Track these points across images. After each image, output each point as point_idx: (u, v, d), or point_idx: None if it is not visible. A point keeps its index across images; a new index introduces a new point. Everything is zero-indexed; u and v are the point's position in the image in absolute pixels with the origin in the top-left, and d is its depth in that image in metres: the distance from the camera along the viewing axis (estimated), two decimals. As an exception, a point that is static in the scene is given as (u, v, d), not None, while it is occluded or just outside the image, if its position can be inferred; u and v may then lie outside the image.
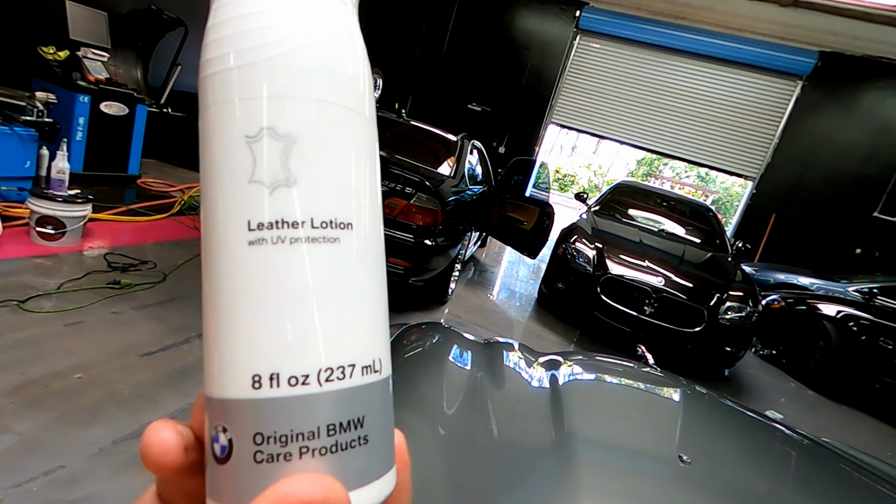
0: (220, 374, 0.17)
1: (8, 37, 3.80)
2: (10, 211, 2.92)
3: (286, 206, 0.17)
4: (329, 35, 0.18)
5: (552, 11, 8.18)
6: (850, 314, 4.21)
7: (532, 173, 4.36)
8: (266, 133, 0.17)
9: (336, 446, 0.17)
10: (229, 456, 0.17)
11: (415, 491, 0.21)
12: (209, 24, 0.18)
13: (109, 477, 1.42)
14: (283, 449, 0.16)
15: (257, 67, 0.17)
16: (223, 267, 0.17)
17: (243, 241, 0.17)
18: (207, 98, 0.18)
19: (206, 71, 0.18)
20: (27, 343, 1.91)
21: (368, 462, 0.18)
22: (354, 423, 0.18)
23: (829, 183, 7.13)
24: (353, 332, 0.18)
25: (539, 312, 4.34)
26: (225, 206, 0.17)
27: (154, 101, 4.74)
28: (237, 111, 0.17)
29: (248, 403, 0.17)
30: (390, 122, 4.21)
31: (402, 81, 8.70)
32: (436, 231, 3.14)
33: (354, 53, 0.19)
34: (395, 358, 1.08)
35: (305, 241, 0.17)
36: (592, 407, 1.09)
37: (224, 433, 0.17)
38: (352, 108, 0.19)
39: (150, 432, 0.18)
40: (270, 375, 0.17)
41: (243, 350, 0.17)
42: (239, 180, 0.17)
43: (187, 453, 0.18)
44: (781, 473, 1.03)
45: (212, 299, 0.18)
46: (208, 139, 0.18)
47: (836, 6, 6.64)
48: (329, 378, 0.17)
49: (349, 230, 0.18)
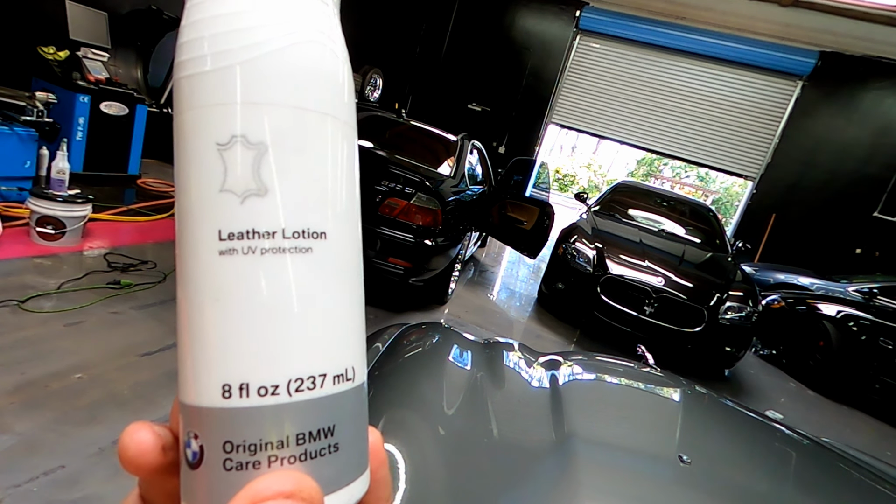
0: (192, 381, 0.17)
1: (8, 37, 3.80)
2: (10, 211, 2.92)
3: (257, 215, 0.17)
4: (306, 37, 0.18)
5: (552, 11, 8.18)
6: (850, 314, 4.21)
7: (532, 173, 4.36)
8: (238, 141, 0.17)
9: (305, 455, 0.17)
10: (200, 462, 0.17)
11: (415, 491, 0.21)
12: (183, 24, 0.18)
13: (109, 477, 1.42)
14: (252, 457, 0.17)
15: (230, 72, 0.17)
16: (194, 276, 0.17)
17: (214, 250, 0.17)
18: (181, 102, 0.17)
19: (179, 73, 0.18)
20: (27, 343, 1.91)
21: (338, 469, 0.18)
22: (324, 432, 0.18)
23: (829, 183, 7.13)
24: (325, 341, 0.18)
25: (539, 312, 4.34)
26: (196, 215, 0.17)
27: (154, 101, 4.74)
28: (209, 117, 0.17)
29: (217, 412, 0.17)
30: (390, 122, 4.21)
31: (402, 81, 8.70)
32: (436, 231, 3.14)
33: (334, 56, 0.19)
34: (395, 358, 1.08)
35: (277, 251, 0.17)
36: (592, 407, 1.09)
37: (195, 439, 0.17)
38: (328, 113, 0.18)
39: (127, 434, 0.18)
40: (240, 385, 0.17)
41: (213, 360, 0.17)
42: (210, 189, 0.17)
43: (165, 453, 0.18)
44: (781, 473, 1.03)
45: (184, 308, 0.18)
46: (181, 145, 0.18)
47: (836, 6, 6.64)
48: (299, 388, 0.17)
49: (322, 239, 0.18)
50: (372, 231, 3.05)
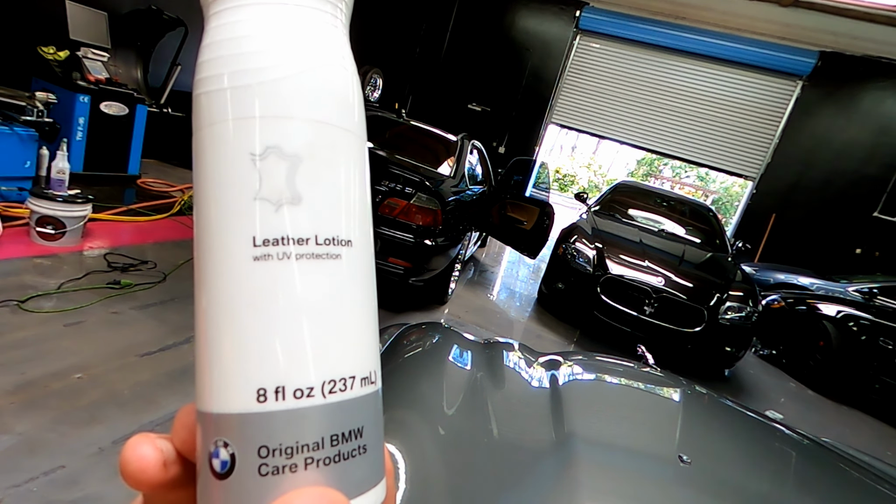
0: (220, 389, 0.17)
1: (8, 37, 3.80)
2: (10, 211, 2.92)
3: (291, 222, 0.18)
4: (332, 61, 0.19)
5: (552, 11, 8.18)
6: (850, 314, 4.21)
7: (532, 173, 4.36)
8: (272, 152, 0.18)
9: (339, 456, 0.18)
10: (231, 471, 0.17)
11: (415, 491, 0.21)
12: (206, 42, 0.18)
13: (109, 477, 1.42)
14: (289, 461, 0.17)
15: (263, 88, 0.18)
16: (225, 282, 0.17)
17: (248, 256, 0.17)
18: (207, 116, 0.18)
19: (203, 88, 0.18)
20: (27, 343, 1.91)
21: (367, 471, 0.18)
22: (355, 433, 0.18)
23: (829, 183, 7.13)
24: (353, 344, 0.19)
25: (539, 312, 4.34)
26: (228, 223, 0.18)
27: (154, 101, 4.74)
28: (242, 130, 0.18)
29: (253, 417, 0.17)
30: (390, 122, 4.21)
31: (402, 81, 8.70)
32: (436, 231, 3.14)
33: (351, 77, 0.20)
34: (395, 358, 1.08)
35: (310, 257, 0.18)
36: (592, 407, 1.09)
37: (225, 448, 0.17)
38: (350, 130, 0.19)
39: (129, 448, 0.18)
40: (276, 389, 0.17)
41: (247, 364, 0.17)
42: (244, 197, 0.17)
43: (167, 469, 0.18)
44: (781, 473, 1.03)
45: (210, 314, 0.18)
46: (208, 156, 0.18)
47: (836, 6, 6.64)
48: (332, 390, 0.18)
49: (349, 247, 0.19)
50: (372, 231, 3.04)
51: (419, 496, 0.67)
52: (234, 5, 0.18)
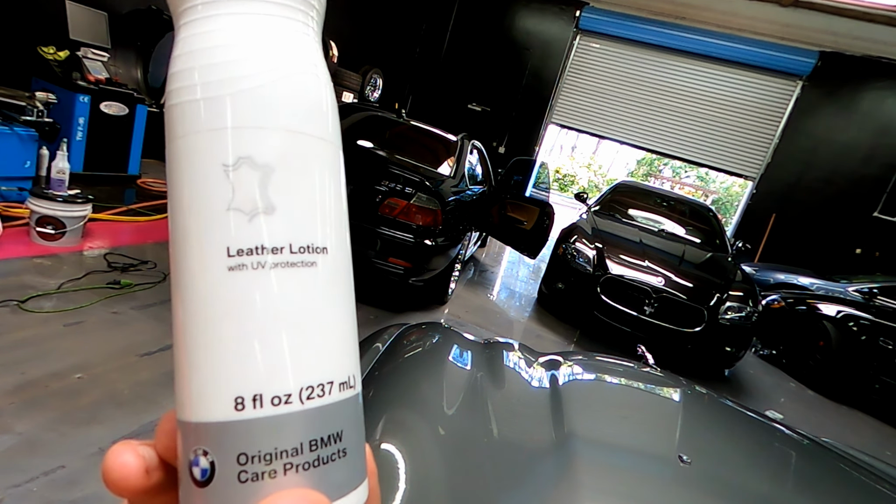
0: (199, 398, 0.17)
1: (8, 37, 3.80)
2: (10, 211, 2.92)
3: (265, 232, 0.18)
4: (303, 69, 0.19)
5: (552, 11, 8.18)
6: (850, 314, 4.21)
7: (532, 173, 4.36)
8: (244, 162, 0.18)
9: (318, 460, 0.18)
10: (211, 478, 0.17)
11: (415, 491, 0.21)
12: (178, 53, 0.18)
13: (109, 477, 1.42)
14: (268, 467, 0.17)
15: (234, 98, 0.18)
16: (201, 293, 0.18)
17: (223, 267, 0.17)
18: (180, 127, 0.18)
19: (176, 99, 0.18)
20: (27, 343, 1.91)
21: (347, 473, 0.19)
22: (334, 437, 0.18)
23: (829, 183, 7.14)
24: (331, 350, 0.19)
25: (539, 312, 4.34)
26: (202, 233, 0.18)
27: (154, 101, 4.74)
28: (215, 140, 0.18)
29: (231, 425, 0.17)
30: (390, 122, 4.21)
31: (402, 81, 8.70)
32: (436, 231, 3.14)
33: (326, 86, 0.20)
34: (395, 358, 1.08)
35: (285, 265, 0.18)
36: (592, 407, 1.09)
37: (205, 456, 0.17)
38: (322, 137, 0.19)
39: (111, 456, 0.18)
40: (253, 396, 0.17)
41: (225, 373, 0.17)
42: (217, 208, 0.17)
43: (149, 475, 0.19)
44: (781, 473, 1.03)
45: (187, 325, 0.18)
46: (181, 167, 0.18)
47: (836, 6, 6.64)
48: (310, 396, 0.18)
49: (324, 254, 0.19)
50: (372, 231, 3.04)
51: (419, 496, 0.67)
52: (204, 15, 0.18)
